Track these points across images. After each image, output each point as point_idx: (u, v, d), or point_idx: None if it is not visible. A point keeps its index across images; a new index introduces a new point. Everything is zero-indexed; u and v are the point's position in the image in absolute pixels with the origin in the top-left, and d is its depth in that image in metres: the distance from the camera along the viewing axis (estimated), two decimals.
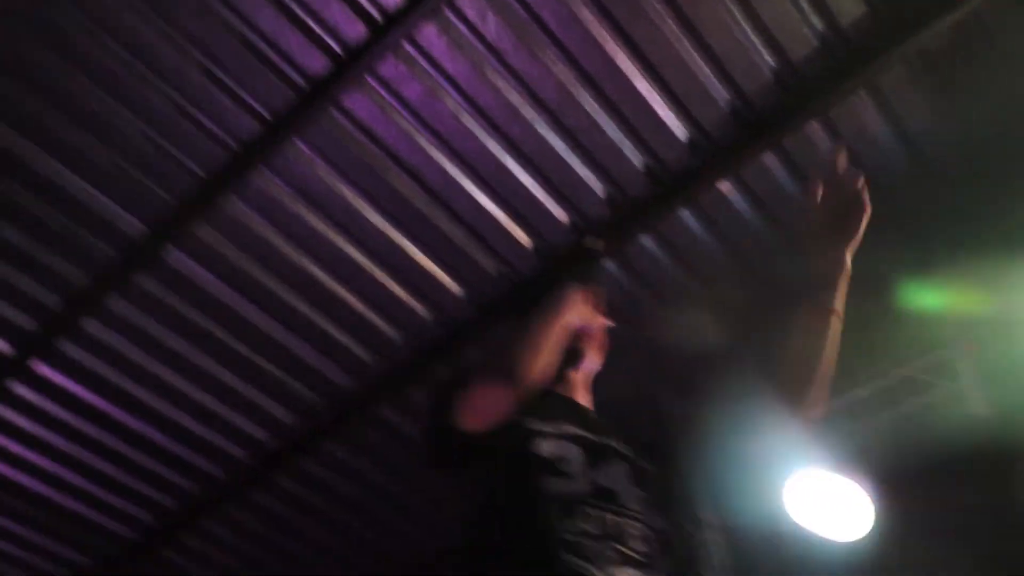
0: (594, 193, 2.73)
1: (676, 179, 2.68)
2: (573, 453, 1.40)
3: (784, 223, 2.79)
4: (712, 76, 2.46)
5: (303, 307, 2.96)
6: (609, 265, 2.87)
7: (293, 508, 3.58)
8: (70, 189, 2.59)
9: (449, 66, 2.42)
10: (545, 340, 1.48)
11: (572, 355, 1.60)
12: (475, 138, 2.57)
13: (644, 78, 2.47)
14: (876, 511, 2.79)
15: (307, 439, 3.35)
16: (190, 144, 2.52)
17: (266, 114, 2.47)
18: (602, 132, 2.59)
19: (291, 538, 3.71)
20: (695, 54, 2.42)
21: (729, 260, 2.87)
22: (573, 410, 1.55)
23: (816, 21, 2.35)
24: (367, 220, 2.74)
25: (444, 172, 2.63)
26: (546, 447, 1.39)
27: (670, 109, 2.54)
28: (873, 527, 2.79)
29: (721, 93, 2.50)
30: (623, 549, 1.28)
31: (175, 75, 2.39)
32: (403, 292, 2.93)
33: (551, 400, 1.52)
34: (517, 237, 2.83)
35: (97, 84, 2.39)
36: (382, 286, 2.91)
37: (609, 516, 1.32)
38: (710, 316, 2.93)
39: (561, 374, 1.59)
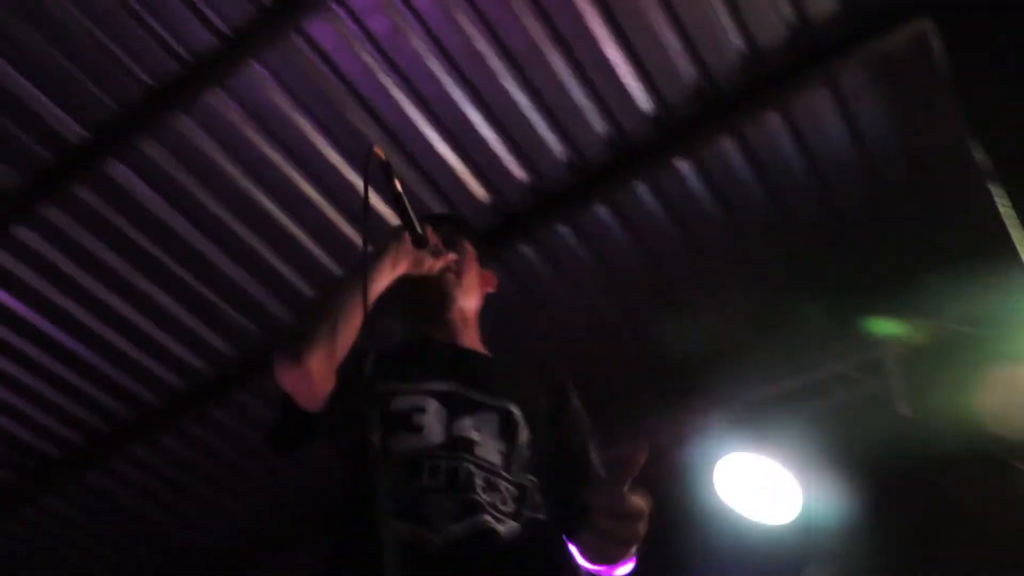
0: (554, 155, 2.71)
1: (635, 150, 2.66)
2: (432, 406, 1.36)
3: (736, 207, 2.80)
4: (682, 52, 2.45)
5: (247, 236, 2.90)
6: (563, 230, 2.86)
7: (224, 439, 3.54)
8: (10, 87, 2.48)
9: (418, 3, 2.36)
10: (346, 305, 1.36)
11: (435, 299, 1.53)
12: (438, 82, 2.52)
13: (615, 45, 2.44)
14: (803, 497, 2.85)
15: (243, 371, 3.30)
16: (142, 52, 2.43)
17: (225, 29, 2.39)
18: (567, 94, 2.56)
19: (222, 468, 3.67)
20: (667, 27, 2.40)
21: (678, 237, 2.87)
22: (448, 361, 1.48)
23: (787, 10, 2.34)
24: (321, 154, 2.68)
25: (403, 113, 2.58)
26: (401, 403, 1.35)
27: (637, 80, 2.51)
28: (799, 513, 2.85)
29: (689, 70, 2.49)
30: (473, 498, 1.26)
31: None
32: (351, 230, 2.88)
33: (423, 353, 1.46)
34: (473, 190, 2.80)
35: None
36: (330, 222, 2.86)
37: (462, 465, 1.29)
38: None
39: (434, 320, 1.53)
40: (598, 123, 2.62)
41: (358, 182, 2.75)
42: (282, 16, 2.34)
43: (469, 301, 1.59)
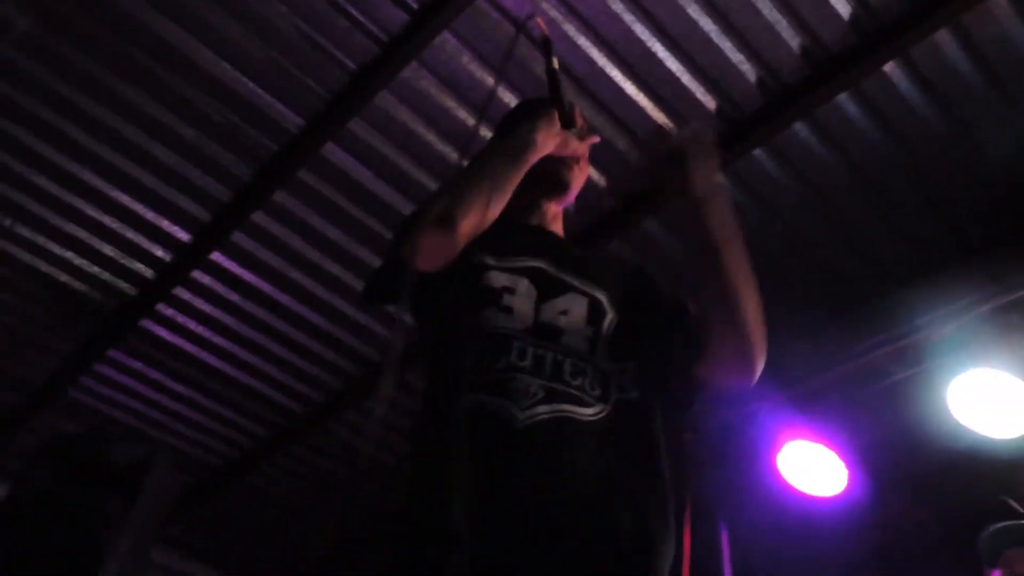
0: (745, 79, 2.63)
1: (836, 60, 2.53)
2: (523, 286, 1.34)
3: (952, 109, 2.60)
4: None
5: None
6: (758, 152, 2.79)
7: None
8: (232, 85, 2.74)
9: None
10: (503, 174, 1.34)
11: (555, 185, 1.48)
12: (621, 21, 2.51)
13: None
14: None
15: None
16: (341, 37, 2.60)
17: (414, 4, 2.50)
18: (756, 11, 2.46)
19: None
20: None
21: (889, 148, 2.72)
22: (540, 241, 1.45)
23: None
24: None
25: (591, 61, 2.60)
26: (493, 279, 1.33)
27: None
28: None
29: None
30: (556, 386, 1.23)
31: None
32: None
33: (515, 231, 1.43)
34: (661, 124, 2.78)
35: None
36: None
37: (548, 354, 1.27)
38: None
39: (537, 203, 1.49)
40: (792, 38, 2.51)
41: None
42: None
43: (571, 198, 1.57)
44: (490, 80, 2.68)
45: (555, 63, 1.46)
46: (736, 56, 2.58)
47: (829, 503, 3.17)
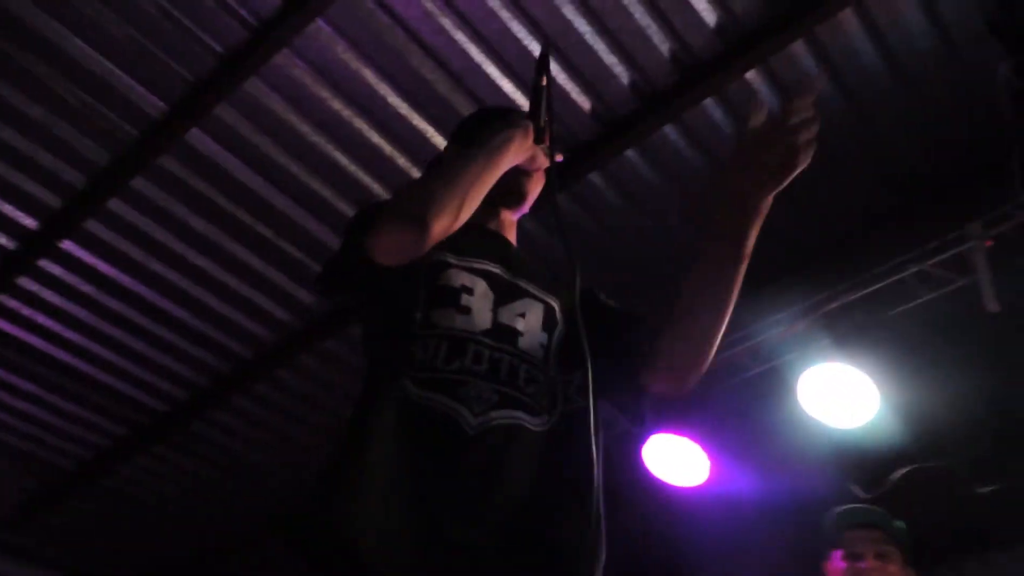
0: (619, 81, 2.70)
1: (703, 67, 2.63)
2: (480, 288, 1.34)
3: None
4: None
5: (325, 191, 2.98)
6: (630, 154, 2.87)
7: (315, 384, 3.71)
8: (87, 64, 2.57)
9: None
10: (477, 179, 1.32)
11: (514, 195, 1.49)
12: (498, 18, 2.52)
13: None
14: (881, 399, 2.89)
15: (329, 320, 3.43)
16: (209, 19, 2.48)
17: None
18: (629, 15, 2.53)
19: (314, 411, 3.85)
20: None
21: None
22: (497, 246, 1.46)
23: None
24: (389, 105, 2.72)
25: (467, 56, 2.59)
26: (452, 277, 1.32)
27: None
28: (878, 413, 2.90)
29: None
30: (510, 392, 1.24)
31: None
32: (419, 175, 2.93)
33: (473, 234, 1.42)
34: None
35: None
36: (403, 172, 2.91)
37: (505, 357, 1.27)
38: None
39: (495, 210, 1.48)
40: (663, 43, 2.59)
41: (426, 128, 2.80)
42: None
43: (525, 209, 1.57)
44: (366, 71, 2.63)
45: (544, 80, 1.45)
46: (610, 59, 2.64)
47: (692, 493, 3.31)
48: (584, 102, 2.75)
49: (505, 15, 2.52)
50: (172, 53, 2.56)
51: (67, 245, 3.08)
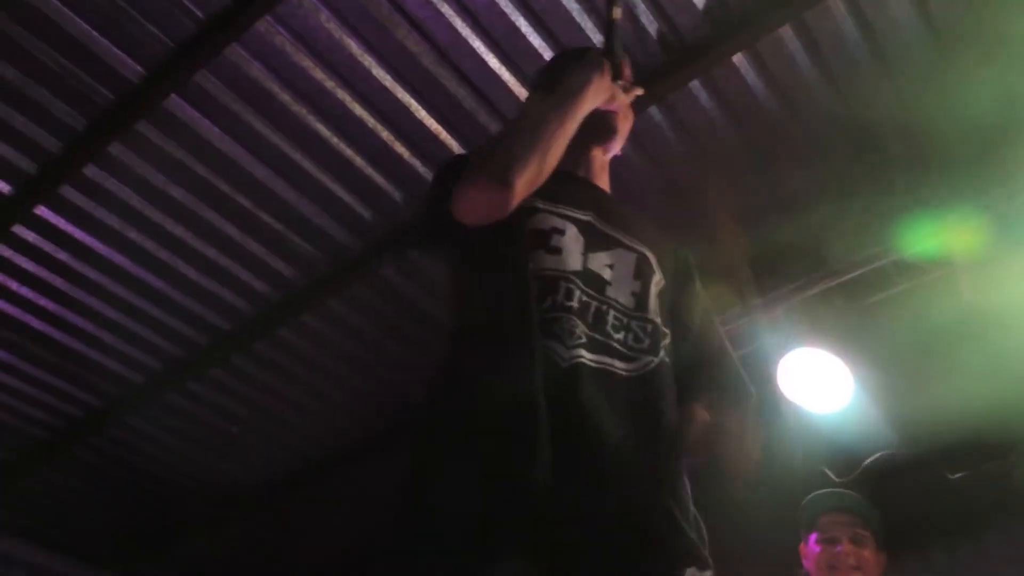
0: None
1: (690, 49, 2.62)
2: (571, 231, 1.32)
3: (794, 103, 2.75)
4: None
5: (306, 163, 2.94)
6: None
7: (293, 358, 3.69)
8: (68, 27, 2.51)
9: None
10: (558, 129, 1.30)
11: (602, 132, 1.46)
12: None
13: None
14: (856, 385, 2.92)
15: (307, 293, 3.41)
16: None
17: None
18: None
19: (292, 386, 3.83)
20: None
21: (737, 136, 2.85)
22: (588, 194, 1.43)
23: None
24: (373, 77, 2.68)
25: (453, 29, 2.56)
26: (542, 221, 1.31)
27: None
28: (854, 400, 2.93)
29: None
30: (598, 336, 1.23)
31: None
32: (407, 152, 2.91)
33: (563, 182, 1.39)
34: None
35: None
36: (386, 145, 2.88)
37: (593, 302, 1.26)
38: None
39: (585, 152, 1.46)
40: (650, 24, 2.57)
41: (410, 102, 2.76)
42: None
43: (618, 147, 1.55)
44: (349, 41, 2.59)
45: (617, 13, 1.42)
46: (597, 38, 2.62)
47: None
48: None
49: None
50: (152, 17, 2.51)
51: (42, 211, 3.03)
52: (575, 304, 1.23)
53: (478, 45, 2.62)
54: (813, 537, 2.57)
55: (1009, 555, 3.04)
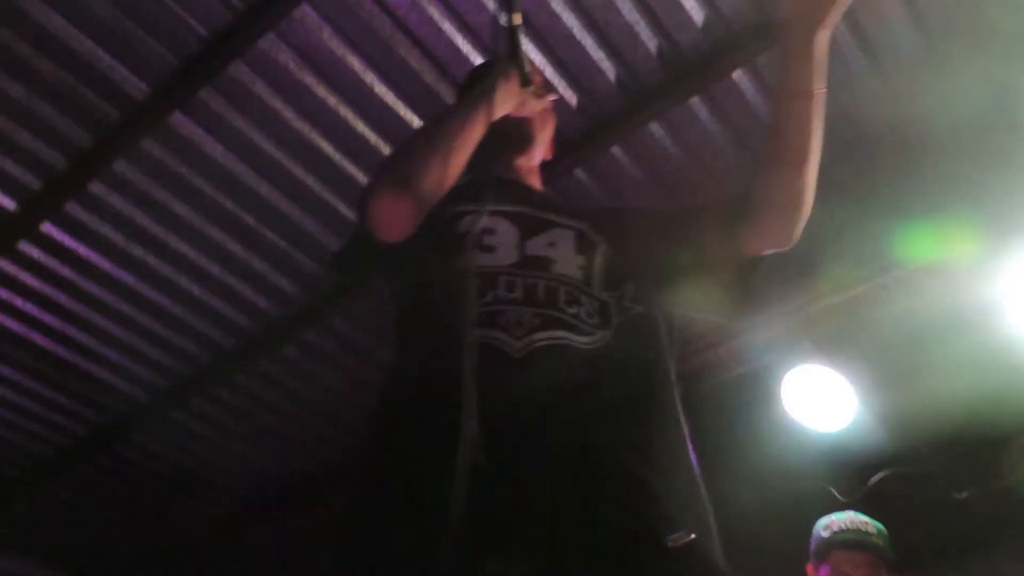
0: (605, 77, 2.69)
1: (689, 66, 2.63)
2: (502, 227, 1.31)
3: None
4: None
5: (309, 179, 2.96)
6: (615, 151, 2.85)
7: (296, 376, 3.69)
8: (74, 45, 2.54)
9: None
10: (459, 134, 1.29)
11: (518, 139, 1.46)
12: (486, 10, 2.50)
13: None
14: (861, 403, 2.90)
15: (310, 311, 3.41)
16: (196, 3, 2.46)
17: None
18: (618, 12, 2.52)
19: (295, 404, 3.83)
20: None
21: (737, 152, 2.85)
22: (516, 191, 1.42)
23: None
24: (375, 94, 2.70)
25: (454, 46, 2.58)
26: (470, 223, 1.28)
27: None
28: (858, 417, 2.90)
29: None
30: (551, 312, 1.19)
31: None
32: None
33: (489, 184, 1.38)
34: None
35: None
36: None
37: (540, 282, 1.23)
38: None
39: (508, 160, 1.46)
40: (650, 40, 2.59)
41: (412, 118, 2.78)
42: None
43: (540, 152, 1.54)
44: (352, 59, 2.61)
45: (517, 19, 1.41)
46: (597, 54, 2.63)
47: None
48: (571, 97, 2.74)
49: (492, 6, 2.50)
50: (156, 34, 2.54)
51: (47, 227, 3.05)
52: (518, 294, 1.20)
53: (480, 61, 2.63)
54: (825, 571, 2.52)
55: (1020, 572, 2.99)
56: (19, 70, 2.60)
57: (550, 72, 2.65)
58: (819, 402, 3.01)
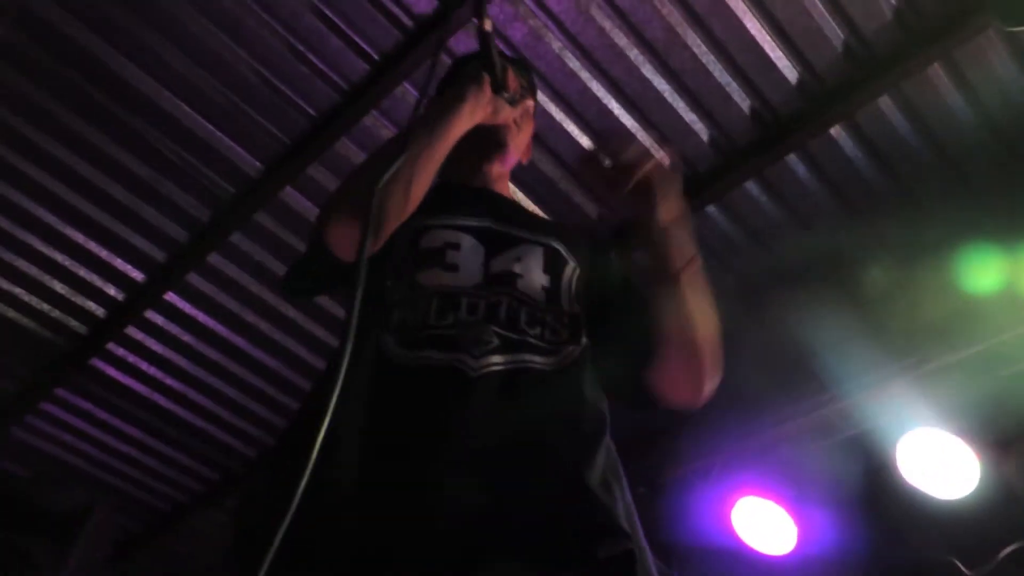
0: (699, 137, 2.69)
1: (784, 123, 2.60)
2: (467, 242, 1.25)
3: (897, 172, 2.68)
4: (826, 13, 2.37)
5: None
6: (711, 209, 2.84)
7: None
8: (192, 127, 2.75)
9: (554, 6, 2.42)
10: (424, 151, 1.21)
11: (491, 146, 1.40)
12: (578, 79, 2.57)
13: (754, 16, 2.40)
14: (982, 470, 2.72)
15: None
16: (303, 85, 2.62)
17: (375, 55, 2.54)
18: (708, 74, 2.54)
19: None
20: None
21: (836, 207, 2.79)
22: (482, 200, 1.37)
23: None
24: None
25: (548, 115, 2.65)
26: (432, 238, 1.24)
27: (781, 50, 2.46)
28: (978, 486, 2.73)
29: (835, 32, 2.40)
30: (511, 335, 1.15)
31: (289, 16, 2.47)
32: None
33: (455, 193, 1.34)
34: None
35: (216, 24, 2.49)
36: None
37: (503, 300, 1.19)
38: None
39: (477, 167, 1.41)
40: (743, 100, 2.59)
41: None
42: (425, 37, 2.45)
43: (513, 159, 1.49)
44: None
45: (488, 24, 1.35)
46: (689, 116, 2.64)
47: (780, 562, 3.16)
48: (664, 159, 2.75)
49: (585, 76, 2.57)
50: (269, 116, 2.72)
51: (171, 296, 3.26)
52: (479, 315, 1.16)
53: (572, 128, 2.69)
54: None
55: None
56: (146, 152, 2.82)
57: (643, 136, 2.68)
58: (938, 467, 2.84)
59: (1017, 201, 2.53)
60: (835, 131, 2.58)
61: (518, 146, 1.46)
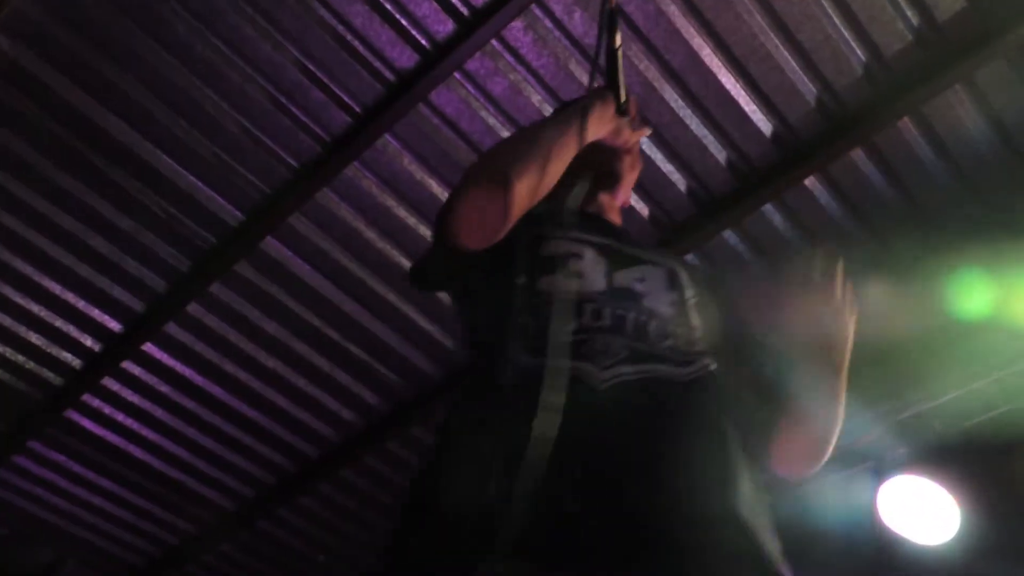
0: (676, 188, 2.73)
1: (760, 175, 2.66)
2: (589, 254, 1.23)
3: (870, 220, 2.73)
4: (799, 70, 2.44)
5: (391, 295, 3.07)
6: (689, 258, 2.87)
7: (379, 485, 3.72)
8: (173, 178, 2.75)
9: (534, 60, 2.47)
10: (557, 139, 1.21)
11: (606, 175, 1.40)
12: None
13: (729, 72, 2.46)
14: (962, 515, 2.74)
15: (391, 421, 3.47)
16: (285, 137, 2.64)
17: (357, 108, 2.57)
18: (685, 127, 2.59)
19: (379, 514, 3.85)
20: (782, 48, 2.39)
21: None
22: (601, 224, 1.37)
23: (911, 15, 2.29)
24: None
25: None
26: (556, 247, 1.22)
27: (755, 104, 2.52)
28: (959, 530, 2.74)
29: (808, 87, 2.47)
30: (641, 346, 1.11)
31: (273, 71, 2.51)
32: None
33: (573, 215, 1.32)
34: None
35: (199, 77, 2.52)
36: None
37: (630, 314, 1.15)
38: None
39: (592, 194, 1.40)
40: (719, 152, 2.64)
41: None
42: (408, 90, 2.49)
43: (624, 194, 1.49)
44: (431, 181, 2.74)
45: (618, 41, 1.34)
46: (667, 167, 2.69)
47: None
48: (643, 208, 2.79)
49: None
50: (251, 167, 2.73)
51: (148, 347, 3.23)
52: (606, 322, 1.13)
53: None
54: None
55: None
56: (128, 203, 2.82)
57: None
58: (918, 513, 2.85)
59: (992, 249, 2.58)
60: (809, 182, 2.63)
61: (629, 181, 1.48)
